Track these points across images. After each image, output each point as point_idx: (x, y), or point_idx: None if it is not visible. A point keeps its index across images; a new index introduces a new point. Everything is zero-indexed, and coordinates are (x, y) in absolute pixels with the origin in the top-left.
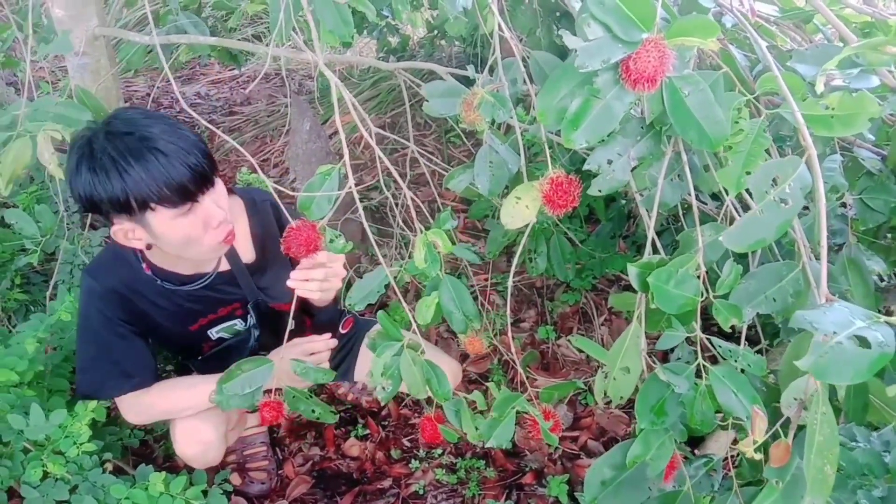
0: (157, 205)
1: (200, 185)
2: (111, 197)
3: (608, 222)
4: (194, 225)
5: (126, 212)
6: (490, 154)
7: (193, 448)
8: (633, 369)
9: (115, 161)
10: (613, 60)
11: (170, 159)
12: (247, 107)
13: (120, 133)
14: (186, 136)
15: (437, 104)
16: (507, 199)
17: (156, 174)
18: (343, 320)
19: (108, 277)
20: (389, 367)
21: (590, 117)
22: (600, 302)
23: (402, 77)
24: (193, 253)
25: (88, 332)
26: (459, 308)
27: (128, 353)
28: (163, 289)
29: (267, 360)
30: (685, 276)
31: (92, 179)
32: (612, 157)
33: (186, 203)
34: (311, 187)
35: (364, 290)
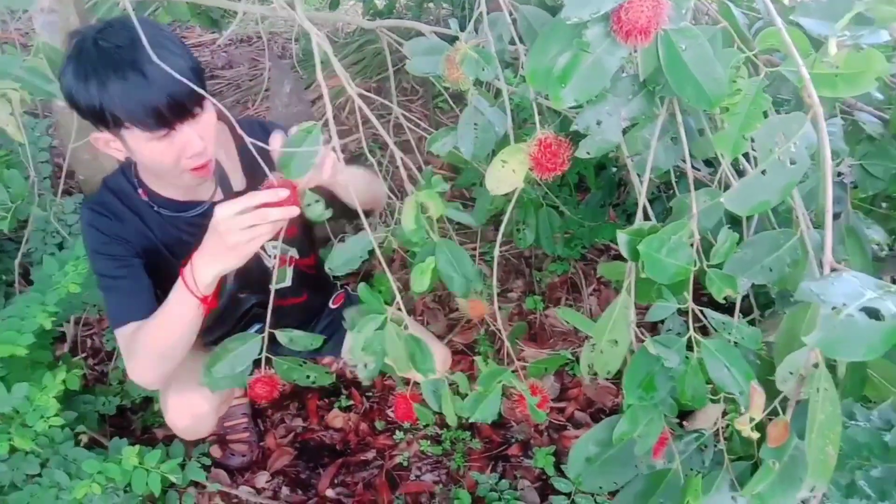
0: (131, 124)
1: (178, 114)
2: (88, 104)
3: (598, 191)
4: (168, 151)
5: (102, 123)
6: (475, 115)
7: (185, 420)
8: (622, 342)
9: (97, 71)
10: (604, 11)
11: (149, 83)
12: (228, 70)
13: (110, 44)
14: (177, 63)
15: (420, 62)
16: (493, 163)
17: (133, 94)
18: (334, 295)
19: (105, 197)
20: (371, 341)
21: (579, 73)
22: (589, 272)
23: (385, 37)
24: (166, 175)
25: (98, 275)
26: (459, 271)
27: (133, 289)
28: (159, 215)
29: (253, 335)
30: (678, 243)
31: (75, 82)
32: (602, 117)
33: (162, 129)
34: (292, 144)
35: (345, 254)
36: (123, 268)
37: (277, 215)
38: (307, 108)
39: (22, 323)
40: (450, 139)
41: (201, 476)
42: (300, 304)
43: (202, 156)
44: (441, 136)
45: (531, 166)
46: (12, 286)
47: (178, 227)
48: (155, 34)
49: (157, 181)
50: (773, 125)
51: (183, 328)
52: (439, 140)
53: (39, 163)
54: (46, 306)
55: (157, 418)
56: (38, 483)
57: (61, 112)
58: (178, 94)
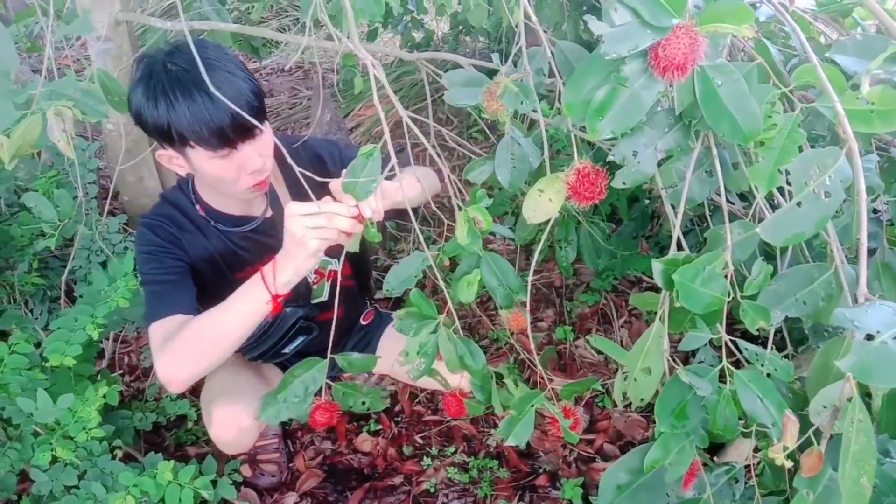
0: (196, 143)
1: (240, 134)
2: (156, 123)
3: (631, 222)
4: (229, 168)
5: (168, 141)
6: (512, 146)
7: (230, 433)
8: (655, 370)
9: (166, 92)
10: (642, 47)
11: (216, 104)
12: (269, 99)
13: (179, 67)
14: (240, 86)
15: (459, 93)
16: (530, 193)
17: (199, 115)
18: (365, 311)
19: (165, 209)
20: (425, 344)
21: (616, 106)
22: (620, 303)
23: (424, 69)
24: (225, 191)
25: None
26: (503, 283)
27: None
28: (216, 230)
29: (319, 360)
30: (712, 274)
31: (144, 101)
32: (638, 149)
33: (224, 148)
34: (354, 170)
35: (402, 274)
36: (171, 273)
37: (345, 225)
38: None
39: (71, 334)
40: (487, 168)
41: (232, 494)
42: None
43: (261, 172)
44: (478, 165)
45: (569, 195)
46: (56, 301)
47: (233, 240)
48: (220, 57)
49: (214, 197)
50: (808, 159)
51: (244, 325)
52: (476, 169)
53: (87, 183)
54: (96, 318)
55: (190, 436)
56: (75, 494)
57: (110, 135)
58: (239, 115)
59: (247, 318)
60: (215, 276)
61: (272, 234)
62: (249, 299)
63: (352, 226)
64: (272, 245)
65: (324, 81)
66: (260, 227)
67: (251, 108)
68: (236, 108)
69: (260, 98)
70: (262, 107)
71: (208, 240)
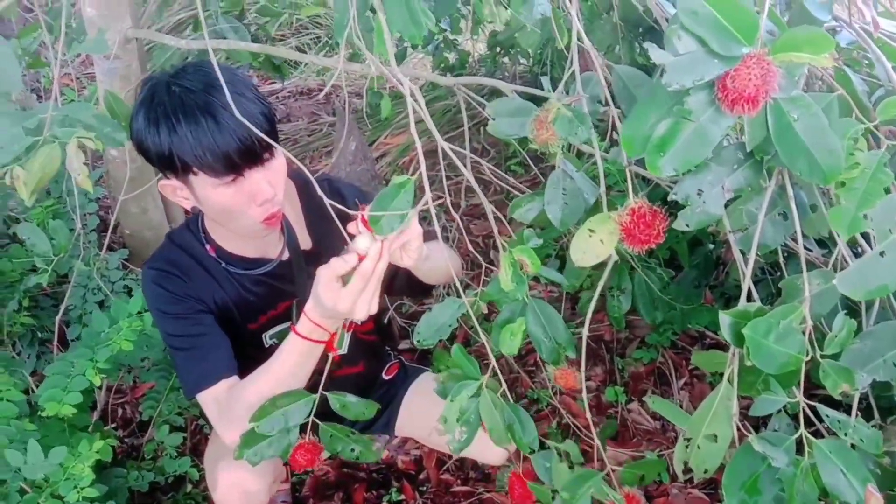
0: (199, 170)
1: (247, 160)
2: (157, 150)
3: (693, 269)
4: (237, 198)
5: (171, 169)
6: (563, 180)
7: (235, 498)
8: (722, 437)
9: (168, 116)
10: (708, 78)
11: (220, 128)
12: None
13: (183, 88)
14: (249, 109)
15: (504, 124)
16: (579, 232)
17: (202, 139)
18: (388, 365)
19: (171, 253)
20: (466, 410)
21: (679, 141)
22: (680, 362)
23: (461, 94)
24: (233, 225)
25: (168, 336)
26: (550, 335)
27: (213, 344)
28: (227, 272)
29: (306, 392)
30: (788, 329)
31: (145, 127)
32: (704, 188)
33: (230, 175)
34: (383, 201)
35: (435, 323)
36: (198, 325)
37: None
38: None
39: (68, 380)
40: (535, 205)
41: None
42: (356, 375)
43: (272, 203)
44: (525, 202)
45: (622, 237)
46: (46, 344)
47: (245, 285)
48: (229, 79)
49: (225, 236)
50: (891, 203)
51: (302, 375)
52: (522, 206)
53: (87, 214)
54: (96, 362)
55: (190, 500)
56: None
57: (112, 162)
58: (248, 140)
59: (304, 367)
60: (226, 326)
61: (287, 279)
62: (303, 350)
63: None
64: (286, 290)
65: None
66: (275, 271)
67: (262, 131)
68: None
69: (271, 122)
70: (273, 131)
71: (220, 285)
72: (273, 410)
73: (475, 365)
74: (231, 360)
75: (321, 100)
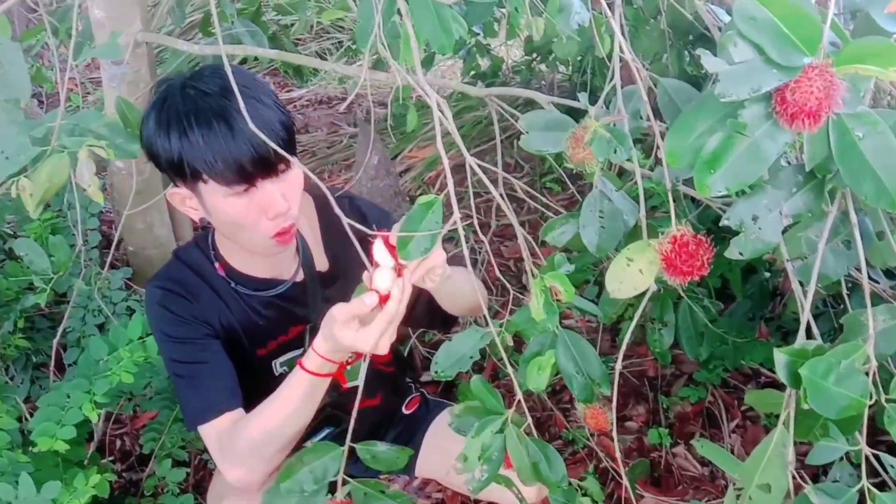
0: (209, 177)
1: (261, 169)
2: (167, 155)
3: (746, 299)
4: (248, 210)
5: (180, 176)
6: (601, 201)
7: None
8: (776, 487)
9: (180, 119)
10: (765, 89)
11: (234, 134)
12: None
13: (198, 91)
14: (268, 116)
15: (538, 138)
16: (616, 261)
17: (214, 145)
18: (408, 398)
19: (177, 271)
20: (489, 447)
21: (732, 158)
22: (732, 402)
23: (493, 105)
24: (243, 240)
25: (171, 361)
26: (582, 369)
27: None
28: (236, 293)
29: (334, 445)
30: (850, 370)
31: (156, 130)
32: (759, 212)
33: (242, 184)
34: (412, 222)
35: (455, 353)
36: (203, 350)
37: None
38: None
39: (62, 413)
40: (569, 228)
41: None
42: (372, 409)
43: (286, 217)
44: (558, 224)
45: (662, 267)
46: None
47: (254, 307)
48: (247, 83)
49: (235, 253)
50: None
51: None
52: (556, 228)
53: (88, 230)
54: (94, 395)
55: None
56: None
57: (118, 174)
58: (263, 148)
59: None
60: (233, 351)
61: (300, 302)
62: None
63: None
64: (298, 314)
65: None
66: (287, 293)
67: (279, 140)
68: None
69: (290, 132)
70: (291, 141)
71: (228, 307)
72: (300, 468)
73: (498, 398)
74: (236, 391)
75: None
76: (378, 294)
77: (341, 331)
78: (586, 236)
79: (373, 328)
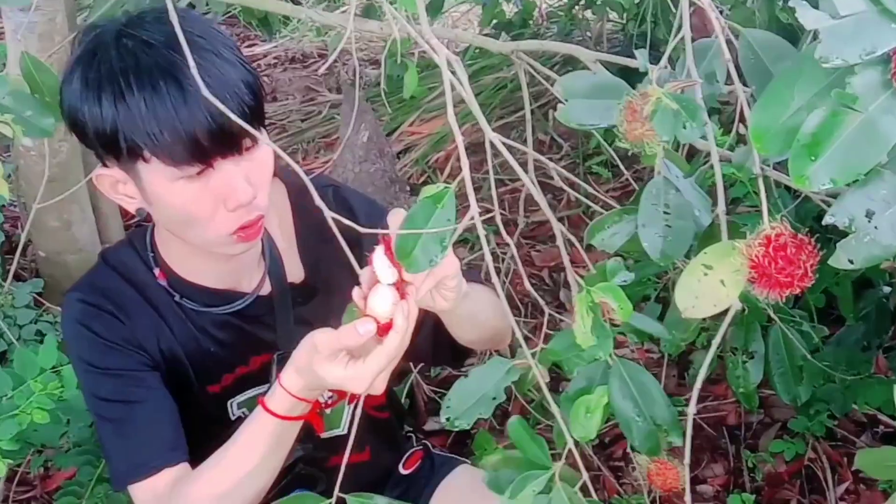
0: (152, 154)
1: (220, 145)
2: (96, 125)
3: (859, 322)
4: (202, 198)
5: (113, 153)
6: (665, 192)
7: None
8: None
9: (115, 78)
10: (882, 51)
11: (186, 98)
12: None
13: (138, 42)
14: (229, 75)
15: (581, 109)
16: (690, 269)
17: (160, 112)
18: (408, 453)
19: (104, 279)
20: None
21: (839, 140)
22: (839, 459)
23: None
24: (194, 238)
25: (94, 399)
26: (644, 412)
27: (156, 416)
28: (180, 309)
29: (313, 496)
30: None
31: (82, 93)
32: (875, 207)
33: (194, 164)
34: (415, 220)
35: (472, 393)
36: (137, 387)
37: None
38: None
39: None
40: (623, 227)
41: None
42: (359, 465)
43: (250, 208)
44: (609, 222)
45: (751, 277)
46: None
47: (204, 328)
48: (203, 33)
49: (182, 256)
50: None
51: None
52: (606, 227)
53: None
54: None
55: None
56: None
57: (25, 156)
58: (223, 117)
59: (277, 453)
60: (176, 387)
61: (265, 322)
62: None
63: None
64: (263, 339)
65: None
66: (249, 310)
67: (244, 107)
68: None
69: (257, 95)
70: (259, 109)
71: (170, 327)
72: None
73: (543, 447)
74: (179, 440)
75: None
76: (376, 321)
77: (324, 366)
78: (647, 238)
79: (368, 365)
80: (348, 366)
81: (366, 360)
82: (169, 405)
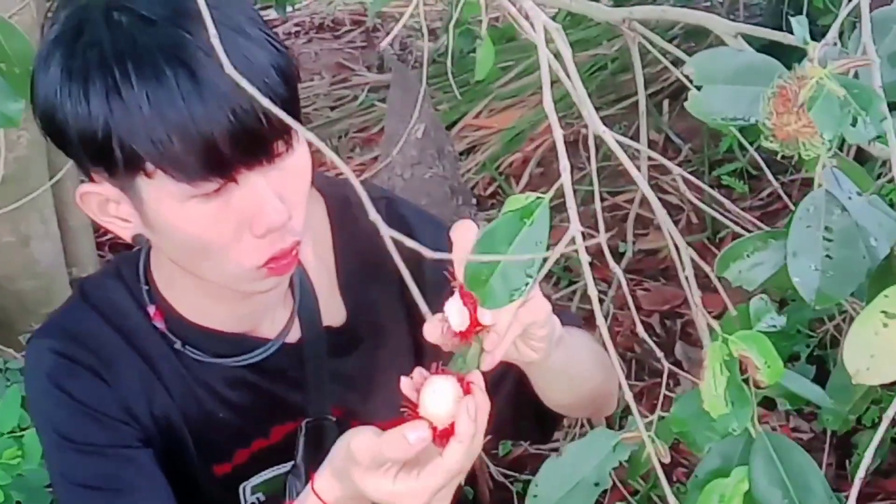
0: (157, 167)
1: (245, 152)
2: (81, 127)
3: None
4: (220, 221)
5: (103, 163)
6: (828, 211)
7: None
8: None
9: (106, 65)
10: None
11: (201, 90)
12: None
13: (135, 18)
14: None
15: (721, 98)
16: (864, 317)
17: (166, 110)
18: None
19: (82, 321)
20: None
21: None
22: None
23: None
24: (209, 271)
25: (64, 482)
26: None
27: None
28: (180, 361)
29: None
30: None
31: (62, 84)
32: None
33: (211, 178)
34: (492, 238)
35: (567, 477)
36: (125, 470)
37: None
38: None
39: None
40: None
41: None
42: None
43: (284, 234)
44: (747, 250)
45: None
46: None
47: (211, 386)
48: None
49: (189, 293)
50: None
51: None
52: (744, 257)
53: None
54: None
55: None
56: None
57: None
58: (249, 116)
59: None
60: (173, 466)
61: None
62: None
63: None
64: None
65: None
66: (270, 362)
67: (275, 100)
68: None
69: (291, 84)
70: (294, 100)
71: (164, 385)
72: None
73: None
74: None
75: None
76: (431, 425)
77: (366, 479)
78: (798, 272)
79: (424, 482)
80: (398, 479)
81: (420, 475)
82: (166, 495)
